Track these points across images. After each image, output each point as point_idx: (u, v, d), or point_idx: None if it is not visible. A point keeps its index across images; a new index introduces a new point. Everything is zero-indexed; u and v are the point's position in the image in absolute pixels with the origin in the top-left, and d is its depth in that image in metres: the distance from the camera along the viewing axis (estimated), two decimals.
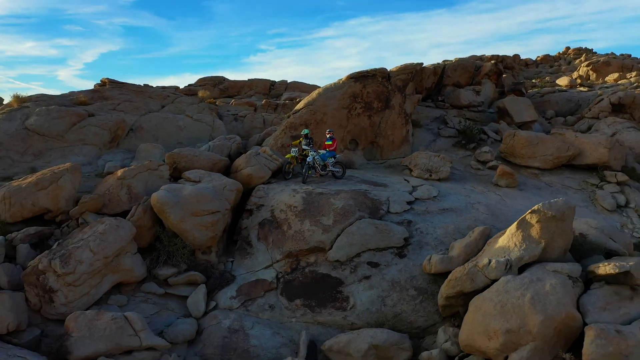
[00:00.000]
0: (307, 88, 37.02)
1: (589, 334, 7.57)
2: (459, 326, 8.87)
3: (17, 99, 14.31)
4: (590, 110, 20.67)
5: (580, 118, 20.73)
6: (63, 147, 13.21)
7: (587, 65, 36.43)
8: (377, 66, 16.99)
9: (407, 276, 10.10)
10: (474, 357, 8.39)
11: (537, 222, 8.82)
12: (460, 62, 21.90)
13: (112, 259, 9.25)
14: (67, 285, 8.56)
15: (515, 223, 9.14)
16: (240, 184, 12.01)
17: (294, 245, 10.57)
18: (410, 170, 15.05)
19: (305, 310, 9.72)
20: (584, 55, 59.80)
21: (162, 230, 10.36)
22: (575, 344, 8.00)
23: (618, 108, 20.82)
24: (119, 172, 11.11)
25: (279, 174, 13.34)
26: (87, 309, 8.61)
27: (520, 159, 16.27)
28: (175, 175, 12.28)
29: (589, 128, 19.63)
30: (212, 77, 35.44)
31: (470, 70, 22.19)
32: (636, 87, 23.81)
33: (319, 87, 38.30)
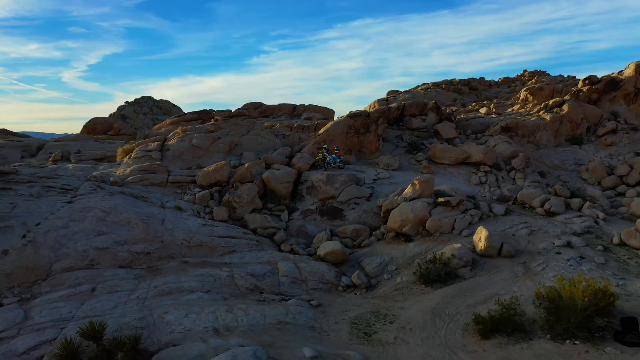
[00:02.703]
0: (319, 109, 50.49)
1: (429, 219, 20.82)
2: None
3: (182, 129, 27.72)
4: (489, 130, 33.91)
5: (483, 135, 33.95)
6: (209, 154, 26.54)
7: (526, 90, 49.30)
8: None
9: (370, 208, 23.37)
10: (391, 233, 21.58)
11: (418, 182, 22.07)
12: (414, 101, 35.20)
13: (251, 198, 22.58)
14: (240, 206, 21.93)
15: (410, 183, 22.40)
16: (296, 171, 25.29)
17: (322, 195, 23.89)
18: (378, 165, 28.31)
19: (328, 221, 22.98)
20: (535, 77, 72.73)
21: (267, 189, 23.69)
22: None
23: (507, 129, 34.02)
24: (246, 165, 24.42)
25: (313, 167, 26.64)
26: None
27: (438, 160, 29.50)
28: (267, 167, 25.54)
29: (486, 142, 32.82)
30: (253, 102, 48.70)
31: (421, 105, 35.45)
32: (526, 115, 37.00)
33: (329, 108, 51.87)
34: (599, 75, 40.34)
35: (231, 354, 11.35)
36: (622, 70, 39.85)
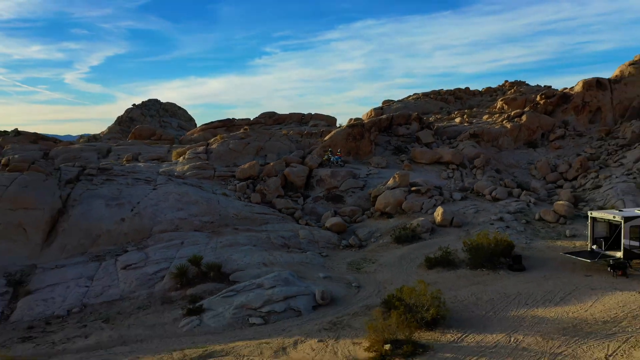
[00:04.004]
0: (324, 117, 58.41)
1: (404, 202, 28.63)
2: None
3: (221, 137, 35.61)
4: (460, 136, 41.73)
5: (455, 140, 41.75)
6: (242, 156, 34.43)
7: (502, 100, 56.92)
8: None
9: (363, 195, 31.23)
10: (377, 212, 29.38)
11: (397, 176, 29.88)
12: (400, 113, 43.07)
13: (276, 187, 30.44)
14: (268, 193, 29.83)
15: (392, 177, 30.25)
16: (308, 168, 33.15)
17: (328, 186, 31.78)
18: (370, 164, 36.18)
19: (332, 204, 30.78)
20: (515, 87, 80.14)
21: (287, 181, 31.60)
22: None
23: (475, 136, 41.80)
24: (271, 164, 32.29)
25: (320, 165, 34.51)
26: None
27: (417, 160, 37.31)
28: (286, 165, 33.41)
29: (457, 146, 40.60)
30: (268, 112, 56.59)
31: (406, 116, 43.28)
32: (492, 124, 44.76)
33: (332, 116, 60.11)
34: (604, 76, 47.29)
35: (276, 273, 19.20)
36: (574, 87, 47.60)
